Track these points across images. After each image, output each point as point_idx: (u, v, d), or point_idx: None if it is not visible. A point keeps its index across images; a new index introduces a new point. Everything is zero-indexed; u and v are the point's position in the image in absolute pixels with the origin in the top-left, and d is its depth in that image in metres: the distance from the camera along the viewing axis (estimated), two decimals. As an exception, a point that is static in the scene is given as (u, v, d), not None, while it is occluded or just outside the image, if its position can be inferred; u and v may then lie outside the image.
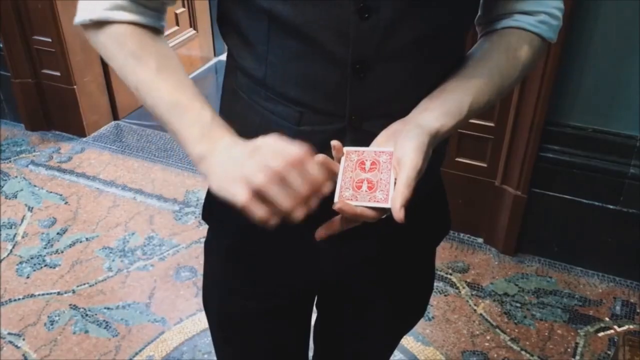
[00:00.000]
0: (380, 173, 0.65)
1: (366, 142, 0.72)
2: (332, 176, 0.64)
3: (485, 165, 2.13)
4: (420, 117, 0.69)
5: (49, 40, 2.71)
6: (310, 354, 1.16)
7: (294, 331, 1.03)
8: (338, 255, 0.86)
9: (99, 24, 0.71)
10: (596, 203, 2.02)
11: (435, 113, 0.69)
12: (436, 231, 0.96)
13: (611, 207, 2.00)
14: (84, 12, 0.72)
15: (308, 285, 0.95)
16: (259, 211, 0.60)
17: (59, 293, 2.05)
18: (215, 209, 0.89)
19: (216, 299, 0.95)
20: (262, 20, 0.68)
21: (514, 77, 0.77)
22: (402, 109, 0.72)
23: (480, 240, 2.27)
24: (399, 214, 0.61)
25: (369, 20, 0.65)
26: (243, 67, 0.74)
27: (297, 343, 1.06)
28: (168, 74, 0.70)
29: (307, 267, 0.88)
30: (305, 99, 0.71)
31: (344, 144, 0.72)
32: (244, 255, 0.88)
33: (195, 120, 0.67)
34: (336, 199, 0.63)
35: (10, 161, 2.78)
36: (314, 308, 1.06)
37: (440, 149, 0.76)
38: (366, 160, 0.67)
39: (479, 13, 0.80)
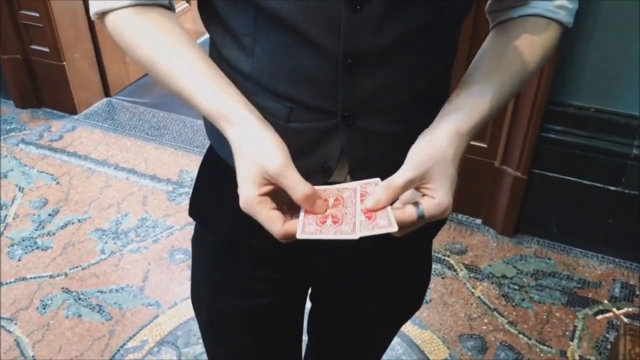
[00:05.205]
0: (345, 208, 0.63)
1: (360, 139, 0.68)
2: None
3: (485, 145, 2.08)
4: (439, 128, 0.66)
5: (37, 15, 2.63)
6: (304, 344, 1.13)
7: (286, 325, 1.00)
8: (332, 253, 0.82)
9: (105, 15, 0.69)
10: (597, 184, 1.98)
11: (456, 114, 0.66)
12: (434, 223, 0.93)
13: (612, 188, 1.97)
14: (91, 7, 0.69)
15: (301, 281, 0.93)
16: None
17: (51, 276, 2.02)
18: (206, 206, 0.85)
19: (206, 298, 0.92)
20: (248, 11, 0.64)
21: (535, 66, 0.73)
22: (395, 105, 0.69)
23: (478, 221, 2.24)
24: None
25: (361, 12, 0.60)
26: (228, 59, 0.69)
27: (290, 336, 1.03)
28: (175, 58, 0.66)
29: (300, 264, 0.85)
30: (295, 94, 0.67)
31: (338, 142, 0.69)
32: (235, 252, 0.85)
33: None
34: (298, 235, 0.62)
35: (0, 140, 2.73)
36: (307, 300, 1.03)
37: None
38: (329, 197, 0.64)
39: (488, 1, 0.76)
